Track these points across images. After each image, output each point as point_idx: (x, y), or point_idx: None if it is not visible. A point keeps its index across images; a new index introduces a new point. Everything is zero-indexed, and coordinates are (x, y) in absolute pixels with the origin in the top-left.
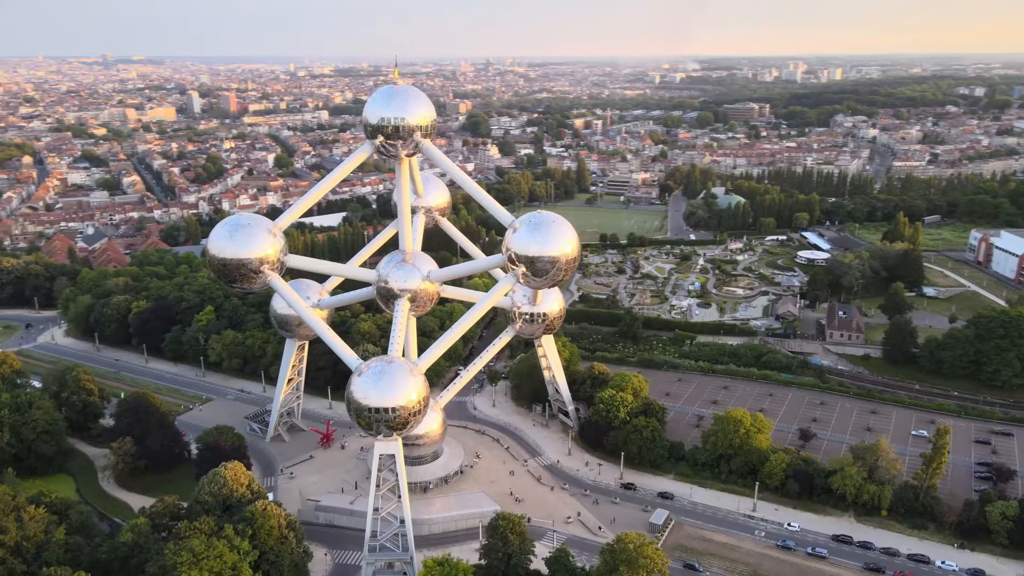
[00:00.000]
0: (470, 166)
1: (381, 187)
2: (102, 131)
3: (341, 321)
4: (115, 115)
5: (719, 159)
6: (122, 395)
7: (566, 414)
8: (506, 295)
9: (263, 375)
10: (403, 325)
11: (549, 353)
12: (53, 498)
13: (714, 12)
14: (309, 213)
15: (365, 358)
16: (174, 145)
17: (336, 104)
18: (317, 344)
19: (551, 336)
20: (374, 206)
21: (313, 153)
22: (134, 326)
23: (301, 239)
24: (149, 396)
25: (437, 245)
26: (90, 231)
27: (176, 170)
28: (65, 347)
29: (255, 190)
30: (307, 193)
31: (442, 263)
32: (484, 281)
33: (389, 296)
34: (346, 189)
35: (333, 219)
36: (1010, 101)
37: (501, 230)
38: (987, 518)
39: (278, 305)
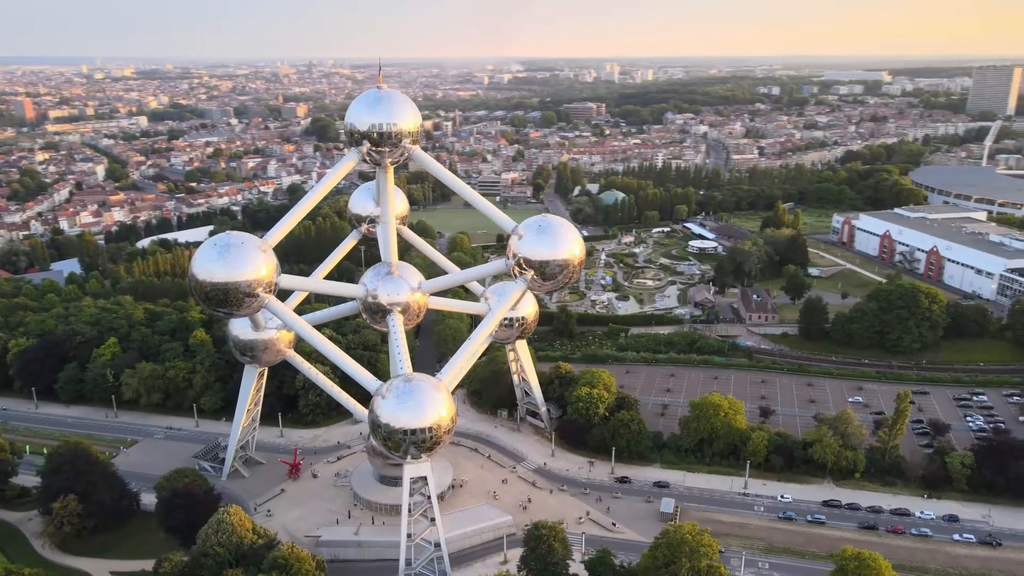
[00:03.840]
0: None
1: (240, 197)
2: None
3: None
4: None
5: (576, 156)
6: (28, 448)
7: (534, 415)
8: (481, 301)
9: (195, 409)
10: (403, 340)
11: (522, 357)
12: (28, 574)
13: (532, 15)
14: (168, 228)
15: (303, 386)
16: None
17: (153, 109)
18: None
19: (523, 340)
20: (240, 217)
21: (149, 163)
22: (17, 367)
23: (167, 258)
24: (85, 445)
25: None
26: None
27: None
28: None
29: (96, 205)
30: (295, 207)
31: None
32: None
33: (378, 311)
34: (201, 201)
35: (198, 234)
36: (806, 99)
37: None
38: (947, 468)
39: (238, 330)
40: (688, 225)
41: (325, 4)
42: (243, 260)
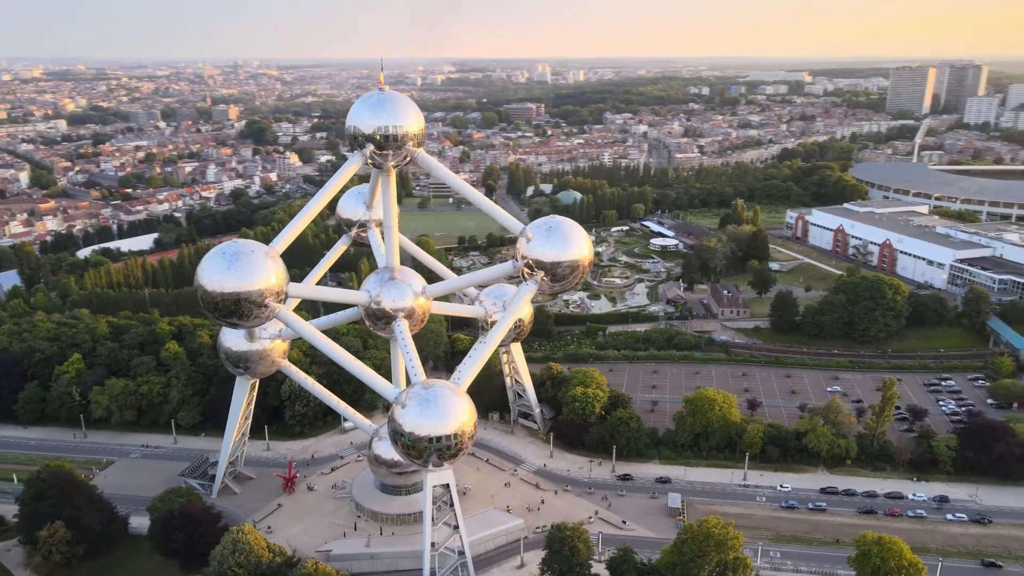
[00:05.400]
0: (273, 175)
1: (180, 203)
2: None
3: None
4: None
5: (523, 157)
6: None
7: (526, 417)
8: (476, 305)
9: (173, 425)
10: (412, 346)
11: (518, 359)
12: None
13: (461, 16)
14: (109, 237)
15: (288, 396)
16: None
17: (71, 112)
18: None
19: (518, 342)
20: (184, 224)
21: (77, 169)
22: None
23: (119, 268)
24: (68, 468)
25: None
26: None
27: None
28: None
29: (25, 214)
30: (300, 213)
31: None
32: None
33: (381, 317)
34: (140, 208)
35: (143, 242)
36: (737, 99)
37: None
38: (933, 452)
39: (231, 342)
40: (646, 223)
41: (245, 3)
42: (252, 269)
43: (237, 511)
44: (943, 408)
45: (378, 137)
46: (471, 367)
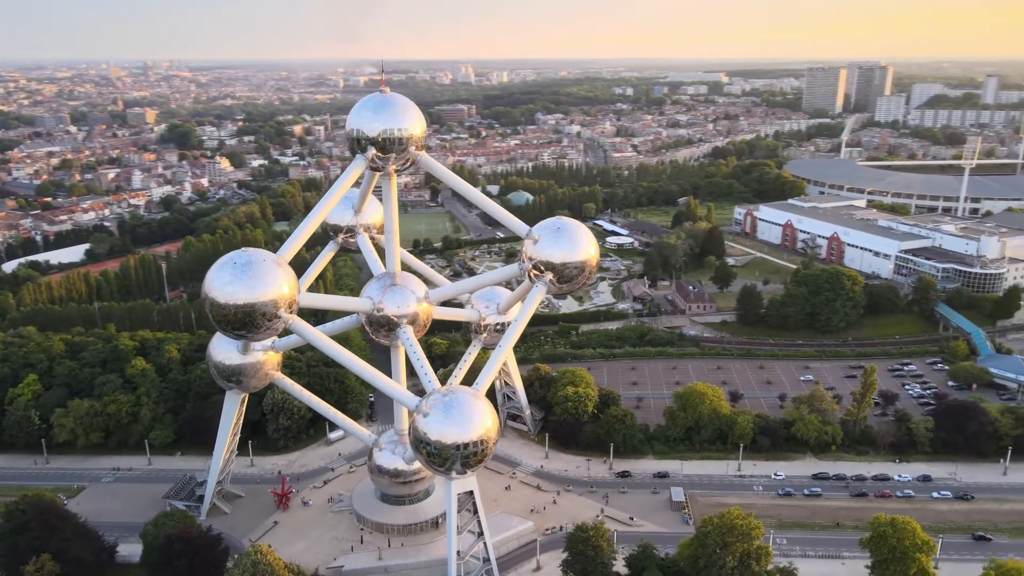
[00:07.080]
0: (204, 181)
1: (108, 211)
2: None
3: None
4: None
5: (461, 159)
6: None
7: (515, 419)
8: (468, 308)
9: (147, 445)
10: (421, 352)
11: (509, 361)
12: None
13: (379, 17)
14: (35, 249)
15: (271, 409)
16: None
17: None
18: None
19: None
20: (117, 233)
21: None
22: None
23: (60, 281)
24: (49, 497)
25: None
26: None
27: None
28: None
29: None
30: (305, 220)
31: None
32: None
33: (384, 324)
34: (64, 217)
35: (72, 253)
36: (662, 99)
37: None
38: (912, 433)
39: (222, 355)
40: (599, 222)
41: (148, 1)
42: (263, 278)
43: (231, 532)
44: (909, 392)
45: (381, 140)
46: (489, 372)
